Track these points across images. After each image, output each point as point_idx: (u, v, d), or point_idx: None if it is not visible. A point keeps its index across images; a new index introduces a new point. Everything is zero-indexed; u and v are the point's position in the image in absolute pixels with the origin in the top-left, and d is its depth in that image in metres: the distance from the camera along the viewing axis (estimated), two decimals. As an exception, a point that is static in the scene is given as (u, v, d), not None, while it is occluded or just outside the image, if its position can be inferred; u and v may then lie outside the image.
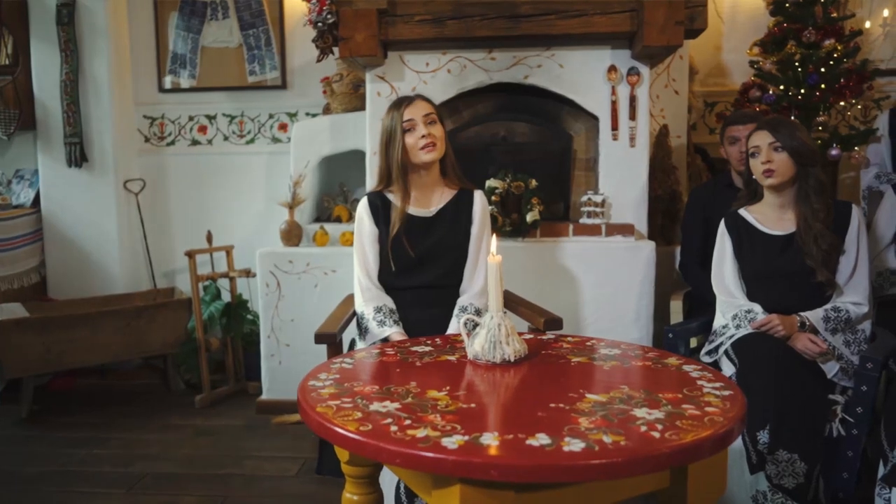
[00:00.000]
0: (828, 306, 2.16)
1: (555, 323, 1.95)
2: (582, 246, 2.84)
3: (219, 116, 3.95)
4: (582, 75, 2.87)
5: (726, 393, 1.17)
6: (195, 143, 3.97)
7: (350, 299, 2.20)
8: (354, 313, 2.16)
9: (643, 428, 1.02)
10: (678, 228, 3.32)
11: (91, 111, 3.75)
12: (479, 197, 2.22)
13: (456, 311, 2.11)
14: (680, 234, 3.16)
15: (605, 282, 2.81)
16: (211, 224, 3.92)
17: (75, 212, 3.82)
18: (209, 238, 3.71)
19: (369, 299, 2.10)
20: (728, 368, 2.21)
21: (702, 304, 2.80)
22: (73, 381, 3.73)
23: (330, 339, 1.87)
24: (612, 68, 2.84)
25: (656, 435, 0.99)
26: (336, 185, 3.67)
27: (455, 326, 2.07)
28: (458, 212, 2.19)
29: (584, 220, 2.90)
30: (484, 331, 1.40)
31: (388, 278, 2.14)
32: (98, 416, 3.33)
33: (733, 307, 2.24)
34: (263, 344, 3.29)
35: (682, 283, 2.95)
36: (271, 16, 3.80)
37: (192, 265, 3.52)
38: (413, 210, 2.16)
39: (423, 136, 2.08)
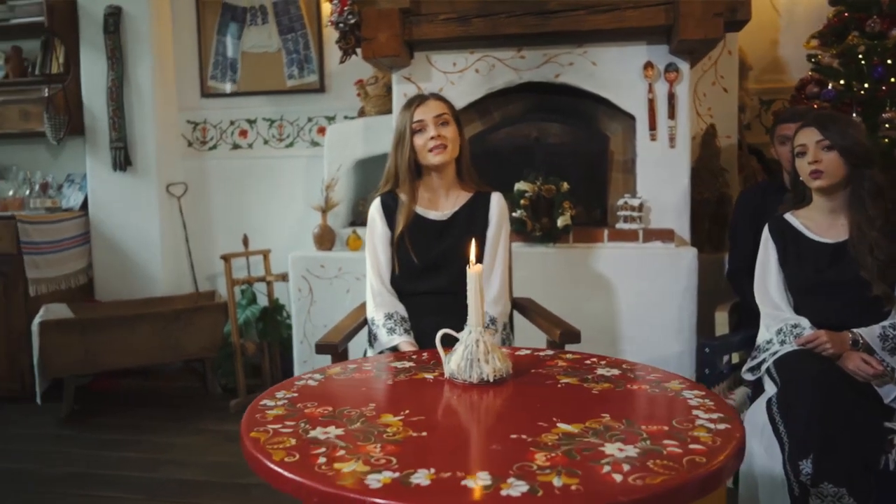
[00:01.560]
0: (885, 323, 1.94)
1: (571, 336, 1.82)
2: (618, 252, 2.68)
3: (259, 120, 3.96)
4: (616, 72, 2.72)
5: (722, 427, 1.00)
6: (236, 146, 4.00)
7: (364, 307, 2.12)
8: (366, 320, 2.08)
9: (606, 468, 0.88)
10: (727, 234, 3.11)
11: (135, 116, 3.83)
12: (496, 199, 2.11)
13: (470, 321, 2.00)
14: (728, 239, 2.95)
15: (642, 291, 2.65)
16: (250, 227, 3.94)
17: (120, 215, 3.90)
18: (245, 242, 3.72)
19: (381, 304, 2.02)
20: (770, 388, 2.01)
21: (751, 315, 2.59)
22: (116, 381, 3.80)
23: (331, 351, 1.79)
24: (649, 65, 2.68)
25: (618, 478, 0.85)
26: (370, 189, 3.60)
27: (468, 337, 1.96)
28: (473, 215, 2.08)
29: (620, 225, 2.74)
30: (461, 347, 1.29)
31: (399, 283, 2.06)
32: (134, 418, 3.37)
33: (778, 321, 2.04)
34: (296, 349, 3.26)
35: (733, 293, 2.74)
36: (309, 19, 3.79)
37: (228, 269, 3.53)
38: (425, 212, 2.07)
39: (432, 138, 1.99)
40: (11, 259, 3.54)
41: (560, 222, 2.62)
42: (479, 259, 2.04)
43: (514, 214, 2.66)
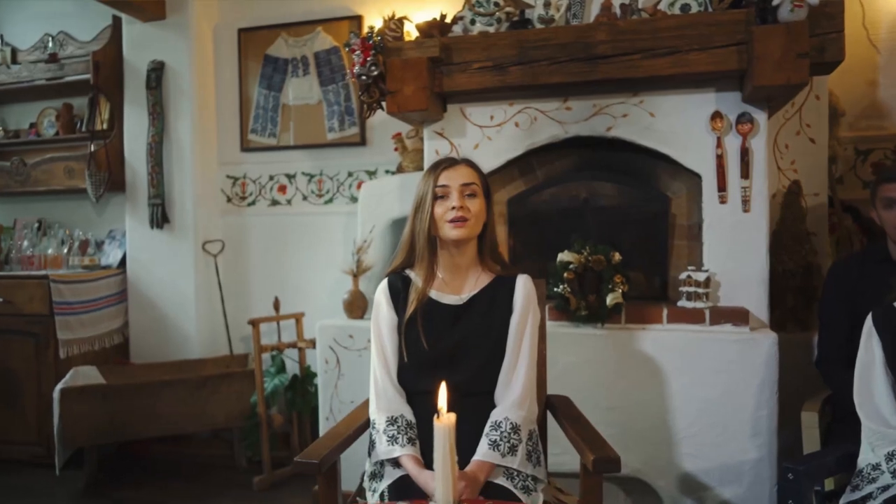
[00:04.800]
0: None
1: (608, 464, 1.43)
2: (679, 336, 2.26)
3: (298, 175, 3.78)
4: (678, 124, 2.34)
5: None
6: (275, 202, 3.82)
7: (367, 405, 1.80)
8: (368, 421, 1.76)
9: None
10: (815, 309, 2.62)
11: (174, 172, 3.72)
12: (522, 281, 1.77)
13: (487, 429, 1.65)
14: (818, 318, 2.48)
15: (708, 383, 2.21)
16: (287, 288, 3.74)
17: (157, 273, 3.78)
18: (277, 305, 3.50)
19: (384, 407, 1.70)
20: (879, 531, 1.55)
21: (846, 415, 2.12)
22: (144, 445, 3.62)
23: (311, 469, 1.47)
24: (717, 115, 2.29)
25: None
26: (408, 251, 3.33)
27: (485, 448, 1.60)
28: (495, 299, 1.75)
29: (683, 303, 2.32)
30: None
31: (407, 378, 1.73)
32: (154, 493, 3.16)
33: (888, 441, 1.59)
34: (322, 426, 2.97)
35: (823, 382, 2.26)
36: (350, 69, 3.59)
37: (256, 334, 3.31)
38: (439, 296, 1.75)
39: (454, 208, 1.68)
40: (44, 320, 3.45)
41: (610, 300, 2.24)
42: (499, 353, 1.71)
43: (556, 290, 2.30)
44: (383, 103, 2.45)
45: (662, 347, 2.25)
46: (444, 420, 0.95)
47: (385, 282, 1.81)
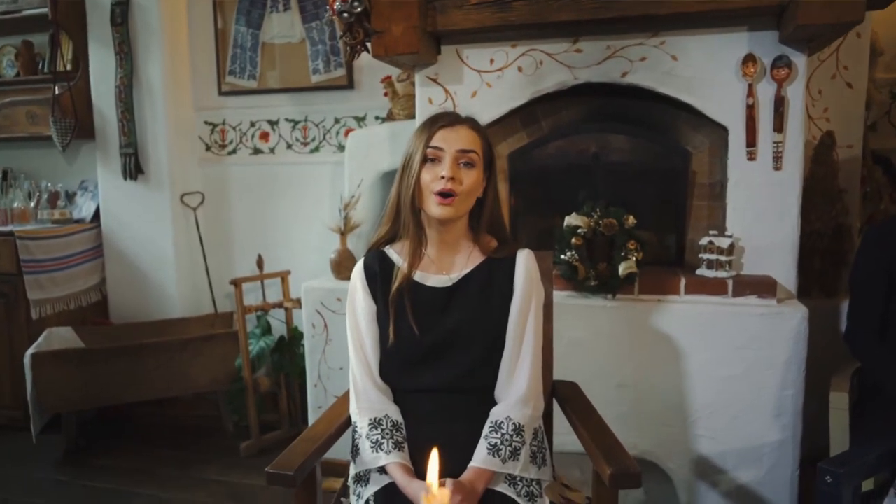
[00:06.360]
0: None
1: (628, 480, 1.23)
2: (697, 310, 2.04)
3: (281, 121, 3.48)
4: (704, 70, 2.06)
5: None
6: (257, 151, 3.54)
7: (347, 399, 1.59)
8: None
9: None
10: (844, 276, 2.41)
11: (147, 119, 3.43)
12: (524, 258, 1.53)
13: (486, 430, 1.44)
14: (847, 284, 2.27)
15: (729, 361, 2.01)
16: (271, 244, 3.51)
17: (133, 228, 3.53)
18: (260, 264, 3.28)
19: (365, 408, 1.49)
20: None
21: (877, 393, 1.94)
22: (128, 409, 3.47)
23: (286, 482, 1.28)
24: (750, 58, 2.00)
25: None
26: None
27: (483, 454, 1.41)
28: (491, 279, 1.51)
29: (702, 272, 2.09)
30: None
31: (388, 376, 1.52)
32: (137, 460, 3.02)
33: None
34: (310, 394, 2.80)
35: (850, 356, 2.07)
36: (331, 5, 3.25)
37: (239, 295, 3.10)
38: (423, 277, 1.52)
39: (443, 177, 1.43)
40: (12, 279, 3.23)
41: (622, 269, 2.01)
42: (498, 342, 1.49)
43: (563, 257, 2.07)
44: (369, 45, 2.16)
45: (679, 321, 2.04)
46: (436, 500, 0.73)
47: (360, 263, 1.57)
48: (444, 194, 1.42)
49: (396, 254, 1.55)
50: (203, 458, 3.05)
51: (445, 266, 1.53)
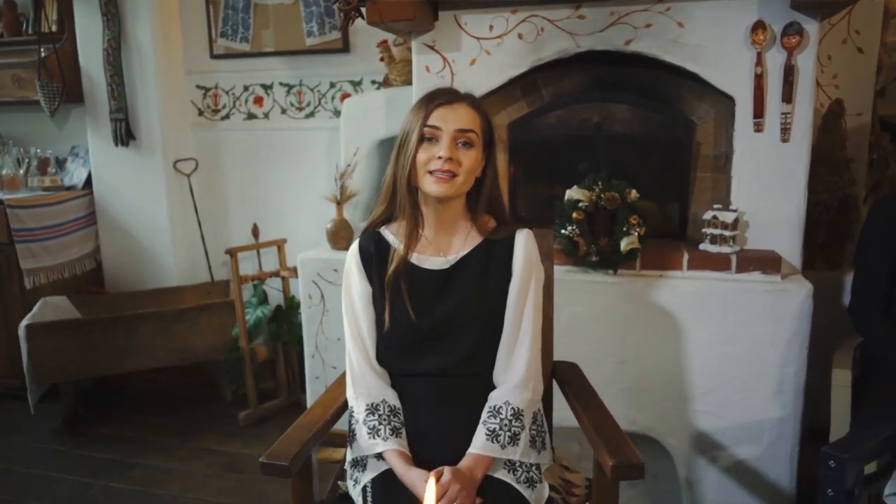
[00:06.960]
0: None
1: (631, 471, 1.21)
2: (700, 285, 2.00)
3: (275, 85, 3.39)
4: (712, 37, 1.98)
5: None
6: (251, 116, 3.46)
7: (343, 382, 1.56)
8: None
9: None
10: (848, 248, 2.37)
11: (136, 82, 3.33)
12: (523, 238, 1.49)
13: (485, 415, 1.42)
14: (852, 257, 2.23)
15: (731, 338, 1.98)
16: (267, 211, 3.46)
17: (125, 195, 3.48)
18: (255, 232, 3.24)
19: (362, 393, 1.46)
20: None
21: (880, 368, 1.92)
22: (125, 377, 3.46)
23: (281, 472, 1.26)
24: (759, 25, 1.92)
25: None
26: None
27: (482, 440, 1.39)
28: (489, 261, 1.47)
29: (706, 247, 2.05)
30: None
31: (387, 359, 1.49)
32: (135, 430, 3.04)
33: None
34: (308, 364, 2.79)
35: (853, 330, 2.04)
36: (328, -38, 3.14)
37: (234, 265, 3.07)
38: (419, 259, 1.47)
39: (440, 158, 1.37)
40: (4, 249, 3.19)
41: (624, 245, 1.96)
42: (496, 326, 1.45)
43: (563, 231, 2.02)
44: (363, 10, 2.07)
45: (681, 297, 2.00)
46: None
47: (355, 245, 1.53)
48: (441, 173, 1.37)
49: (392, 235, 1.50)
50: (202, 427, 3.06)
51: (442, 247, 1.49)
